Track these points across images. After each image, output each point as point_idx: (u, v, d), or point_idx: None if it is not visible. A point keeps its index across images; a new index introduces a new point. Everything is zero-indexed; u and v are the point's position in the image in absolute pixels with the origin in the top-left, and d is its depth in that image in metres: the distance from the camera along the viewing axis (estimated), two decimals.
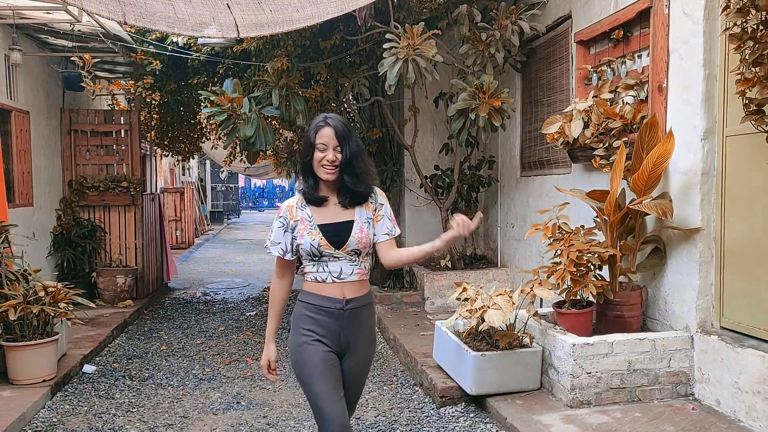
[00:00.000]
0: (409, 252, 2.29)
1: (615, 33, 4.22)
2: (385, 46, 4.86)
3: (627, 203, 3.71)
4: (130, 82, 7.40)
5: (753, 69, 2.68)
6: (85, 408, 3.95)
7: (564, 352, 3.45)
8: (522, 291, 3.68)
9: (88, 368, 4.71)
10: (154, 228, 8.11)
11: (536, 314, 3.72)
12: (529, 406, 3.46)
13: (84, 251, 6.91)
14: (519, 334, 3.75)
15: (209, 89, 6.38)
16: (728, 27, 2.81)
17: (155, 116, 8.54)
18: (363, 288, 2.26)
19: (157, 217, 8.34)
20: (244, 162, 6.51)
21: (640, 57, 4.08)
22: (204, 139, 9.61)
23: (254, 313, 6.85)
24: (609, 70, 4.35)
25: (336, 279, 2.20)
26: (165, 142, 9.01)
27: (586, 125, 4.10)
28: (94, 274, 6.89)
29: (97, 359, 5.02)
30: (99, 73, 7.38)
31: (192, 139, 9.25)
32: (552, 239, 3.81)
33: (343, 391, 2.22)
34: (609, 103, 4.11)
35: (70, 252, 6.78)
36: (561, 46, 5.12)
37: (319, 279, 2.21)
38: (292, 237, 2.24)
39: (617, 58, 4.29)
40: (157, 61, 6.89)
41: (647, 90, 3.91)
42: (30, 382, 4.08)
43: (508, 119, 5.27)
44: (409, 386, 4.26)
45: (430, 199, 6.36)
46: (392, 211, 2.36)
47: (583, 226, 3.94)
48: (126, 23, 4.05)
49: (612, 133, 4.00)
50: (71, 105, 7.51)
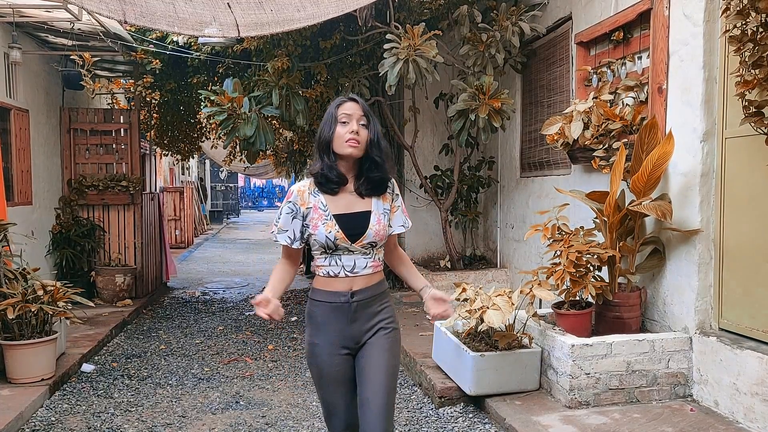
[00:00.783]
0: (408, 270, 2.28)
1: (615, 34, 4.22)
2: (386, 47, 4.87)
3: (626, 204, 3.71)
4: (130, 81, 7.41)
5: (753, 71, 2.68)
6: (84, 407, 3.94)
7: (563, 353, 3.45)
8: (521, 291, 3.68)
9: (87, 367, 4.71)
10: (154, 227, 8.10)
11: (535, 315, 3.73)
12: (528, 407, 3.46)
13: (83, 250, 6.90)
14: (518, 335, 3.75)
15: (209, 89, 6.38)
16: (728, 29, 2.82)
17: (155, 115, 8.53)
18: (374, 278, 2.13)
19: (157, 217, 8.34)
20: (244, 162, 6.51)
21: (640, 58, 4.08)
22: (204, 139, 9.61)
23: (253, 313, 6.85)
24: (609, 72, 4.36)
25: (349, 273, 2.09)
26: (165, 142, 9.01)
27: (586, 126, 4.10)
28: (93, 273, 6.89)
29: (96, 358, 5.02)
30: (99, 72, 7.38)
31: (192, 139, 9.25)
32: (551, 240, 3.82)
33: (358, 389, 2.11)
34: (609, 105, 4.11)
35: (69, 251, 6.77)
36: (561, 48, 5.13)
37: (332, 273, 2.09)
38: (303, 225, 2.10)
39: (617, 60, 4.30)
40: (157, 60, 6.89)
41: (647, 91, 3.91)
42: (28, 381, 4.07)
43: (508, 120, 5.28)
44: (408, 386, 4.26)
45: (430, 200, 6.36)
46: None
47: (583, 227, 3.94)
48: (126, 22, 4.04)
49: (612, 135, 4.00)
50: (71, 104, 7.51)
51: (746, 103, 2.78)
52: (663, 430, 3.09)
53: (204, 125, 9.03)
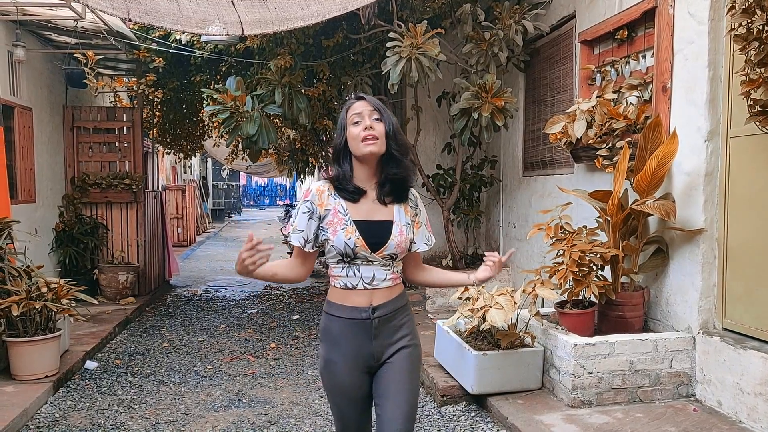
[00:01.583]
0: (441, 276, 2.12)
1: (619, 33, 4.21)
2: (388, 45, 4.86)
3: (630, 204, 3.71)
4: (133, 80, 7.40)
5: (758, 70, 2.67)
6: (87, 404, 3.96)
7: (566, 352, 3.45)
8: (524, 291, 3.68)
9: (91, 364, 4.72)
10: (156, 225, 8.12)
11: (538, 314, 3.73)
12: (531, 406, 3.46)
13: (86, 248, 6.92)
14: (521, 334, 3.75)
15: (212, 87, 6.38)
16: (733, 28, 2.81)
17: (158, 114, 8.53)
18: (394, 292, 1.98)
19: (159, 215, 8.35)
20: (246, 160, 6.52)
21: (645, 57, 4.07)
22: (206, 137, 9.61)
23: (255, 311, 6.86)
24: (613, 71, 4.35)
25: (367, 285, 1.93)
26: (167, 140, 9.01)
27: (590, 125, 4.09)
28: (96, 271, 6.90)
29: (99, 356, 5.03)
30: (102, 70, 7.39)
31: (194, 137, 9.25)
32: (554, 239, 3.81)
33: (377, 409, 1.98)
34: (612, 104, 4.10)
35: (73, 249, 6.79)
36: (565, 46, 5.12)
37: (349, 285, 1.94)
38: (318, 227, 1.94)
39: (621, 59, 4.28)
40: (160, 59, 6.89)
41: (651, 90, 3.90)
42: (32, 378, 4.09)
43: (511, 119, 5.27)
44: None
45: (432, 199, 6.35)
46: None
47: (586, 227, 3.94)
48: (130, 20, 4.04)
49: (615, 134, 3.99)
50: (74, 102, 7.52)
51: (751, 102, 2.77)
52: (666, 430, 3.08)
53: (206, 124, 9.03)
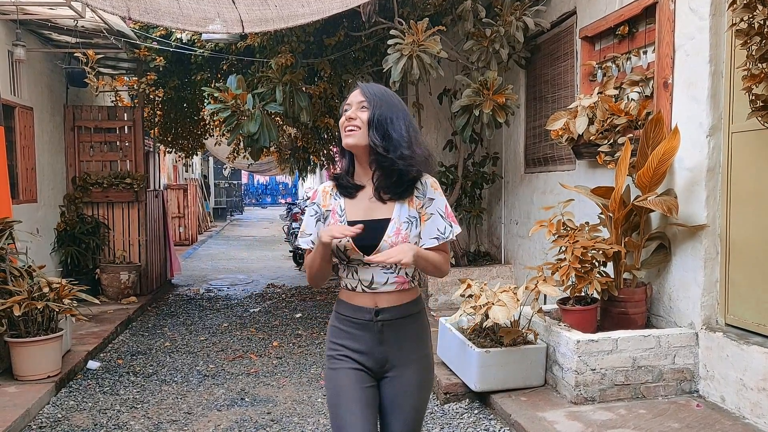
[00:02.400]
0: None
1: (620, 29, 4.19)
2: (390, 42, 4.85)
3: (632, 200, 3.70)
4: (134, 79, 7.41)
5: (760, 65, 2.67)
6: (90, 404, 3.96)
7: (568, 349, 3.44)
8: (526, 287, 3.67)
9: (93, 364, 4.72)
10: (158, 225, 8.12)
11: (540, 311, 3.72)
12: (534, 403, 3.45)
13: (88, 248, 6.92)
14: (523, 331, 3.74)
15: (213, 85, 6.38)
16: (735, 23, 2.80)
17: (159, 113, 8.53)
18: (402, 297, 1.85)
19: (161, 214, 8.36)
20: (248, 158, 6.51)
21: (646, 53, 4.06)
22: (207, 136, 9.61)
23: (258, 310, 6.86)
24: (614, 67, 4.34)
25: (366, 288, 1.83)
26: (168, 139, 9.01)
27: (591, 121, 4.08)
28: (98, 271, 6.91)
29: (102, 355, 5.04)
30: (102, 70, 7.39)
31: (195, 136, 9.25)
32: (556, 236, 3.81)
33: (380, 419, 1.87)
34: (614, 100, 4.09)
35: (74, 248, 6.80)
36: (566, 42, 5.10)
37: (349, 287, 1.86)
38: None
39: (622, 54, 4.27)
40: (161, 58, 6.88)
41: (652, 86, 3.89)
42: (35, 378, 4.09)
43: (512, 116, 5.26)
44: None
45: None
46: (447, 204, 1.87)
47: (588, 223, 3.93)
48: (131, 18, 4.04)
49: (617, 130, 3.98)
50: (75, 101, 7.51)
51: (753, 98, 2.76)
52: (669, 426, 3.08)
53: (207, 122, 9.03)
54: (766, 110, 2.75)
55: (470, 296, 3.83)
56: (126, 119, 7.36)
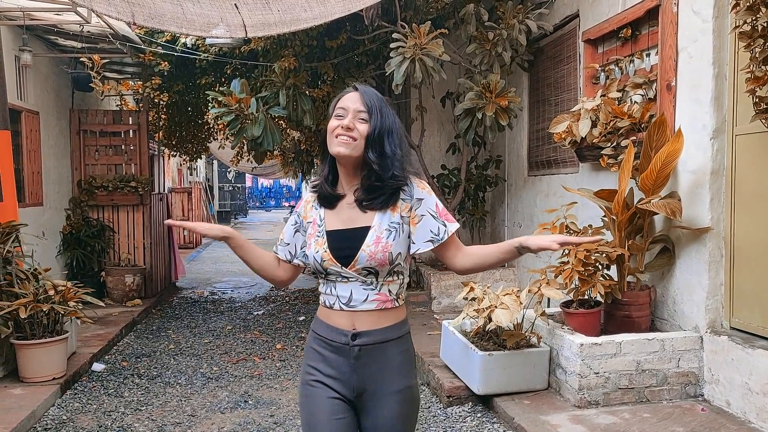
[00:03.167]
0: (487, 249, 1.72)
1: (623, 31, 4.19)
2: (392, 46, 4.86)
3: (635, 203, 3.69)
4: (139, 83, 7.45)
5: (763, 67, 2.66)
6: (95, 406, 3.98)
7: (572, 352, 3.44)
8: (529, 290, 3.67)
9: (98, 366, 4.74)
10: (162, 228, 8.15)
11: (544, 314, 3.71)
12: (537, 406, 3.45)
13: (93, 250, 6.96)
14: (526, 334, 3.74)
15: (217, 89, 6.39)
16: (738, 25, 2.79)
17: (163, 116, 8.58)
18: (384, 318, 1.68)
19: (165, 217, 8.39)
20: (251, 162, 6.54)
21: (649, 55, 4.06)
22: (211, 139, 9.66)
23: (261, 312, 6.87)
24: (617, 69, 4.33)
25: (344, 306, 1.67)
26: (173, 143, 9.06)
27: (594, 124, 4.08)
28: (103, 274, 6.94)
29: (106, 357, 5.06)
30: (108, 74, 7.43)
31: (199, 139, 9.30)
32: None
33: None
34: (617, 102, 4.09)
35: (80, 251, 6.83)
36: (568, 45, 5.10)
37: (327, 303, 1.72)
38: (304, 241, 1.78)
39: (625, 57, 4.27)
40: (166, 62, 6.93)
41: (656, 89, 3.89)
42: (40, 380, 4.11)
43: (515, 118, 5.26)
44: None
45: None
46: (439, 202, 1.74)
47: (591, 226, 3.92)
48: (135, 24, 4.07)
49: (620, 132, 3.98)
50: (80, 105, 7.57)
51: (757, 100, 2.76)
52: (674, 430, 3.06)
53: (212, 126, 9.08)
54: None
55: (473, 299, 3.82)
56: (131, 123, 7.40)
